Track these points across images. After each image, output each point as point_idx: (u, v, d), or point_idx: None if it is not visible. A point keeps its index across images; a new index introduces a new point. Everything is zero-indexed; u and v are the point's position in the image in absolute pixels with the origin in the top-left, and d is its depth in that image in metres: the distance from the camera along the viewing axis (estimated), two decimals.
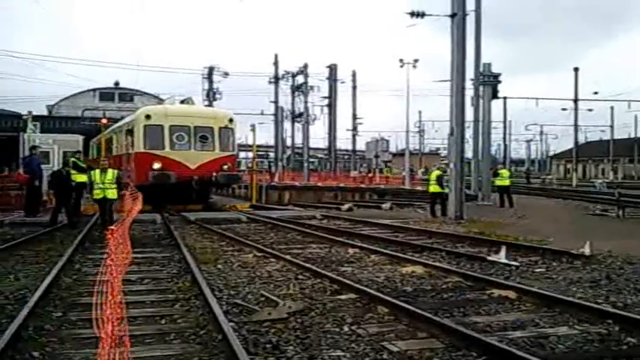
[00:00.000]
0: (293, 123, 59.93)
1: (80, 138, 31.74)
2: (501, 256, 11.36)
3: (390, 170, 61.57)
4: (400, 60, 43.05)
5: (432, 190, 21.92)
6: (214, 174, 23.55)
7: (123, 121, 28.90)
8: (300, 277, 9.81)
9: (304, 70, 55.59)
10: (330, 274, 9.77)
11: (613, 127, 73.06)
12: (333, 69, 56.53)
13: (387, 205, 26.87)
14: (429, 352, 5.90)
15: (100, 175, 16.15)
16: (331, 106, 56.65)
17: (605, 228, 18.05)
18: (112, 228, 7.39)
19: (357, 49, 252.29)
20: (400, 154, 68.46)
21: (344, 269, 10.70)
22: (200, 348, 6.01)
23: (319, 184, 45.63)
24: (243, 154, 61.86)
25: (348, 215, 22.22)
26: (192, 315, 7.28)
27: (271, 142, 64.74)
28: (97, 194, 16.20)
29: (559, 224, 18.86)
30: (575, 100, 54.09)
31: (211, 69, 58.79)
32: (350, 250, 12.89)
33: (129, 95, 65.82)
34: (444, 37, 21.94)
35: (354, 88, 59.85)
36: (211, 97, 58.43)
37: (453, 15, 20.31)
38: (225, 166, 24.16)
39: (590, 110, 63.11)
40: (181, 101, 26.19)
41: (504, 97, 50.71)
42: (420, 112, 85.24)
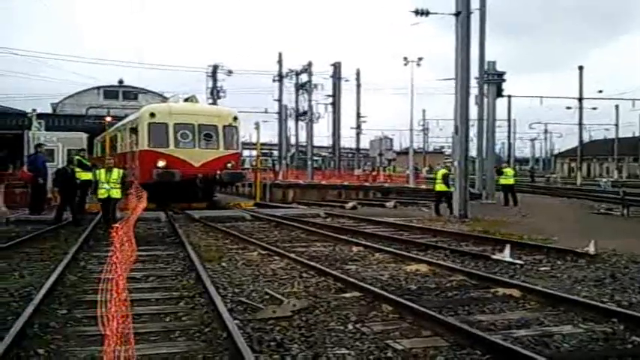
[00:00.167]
0: (297, 121, 60.00)
1: (84, 136, 31.74)
2: (506, 255, 11.35)
3: (394, 169, 61.54)
4: (404, 58, 43.17)
5: (438, 189, 21.87)
6: (218, 172, 23.54)
7: (127, 119, 28.93)
8: (305, 275, 9.82)
9: (308, 69, 55.56)
10: (335, 272, 9.78)
11: (618, 125, 72.78)
12: (337, 67, 56.48)
13: (391, 204, 26.88)
14: (433, 351, 5.90)
15: (106, 175, 16.14)
16: (335, 105, 56.61)
17: (610, 227, 18.01)
18: (116, 226, 7.41)
19: (361, 47, 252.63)
20: (404, 152, 68.52)
21: (348, 267, 10.71)
22: (205, 345, 6.02)
23: (323, 182, 45.62)
24: (247, 152, 62.01)
25: (352, 213, 22.22)
26: (196, 313, 7.29)
27: (275, 140, 64.80)
28: (101, 194, 16.14)
29: (563, 223, 18.83)
30: (580, 99, 54.01)
31: (215, 67, 58.81)
32: (354, 249, 12.90)
33: (133, 93, 65.88)
34: (448, 36, 21.98)
35: (358, 86, 59.95)
36: (215, 95, 58.43)
37: (457, 13, 20.28)
38: (230, 165, 24.17)
39: (595, 109, 63.07)
40: (185, 99, 26.18)
41: (509, 96, 50.67)
42: (424, 111, 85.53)
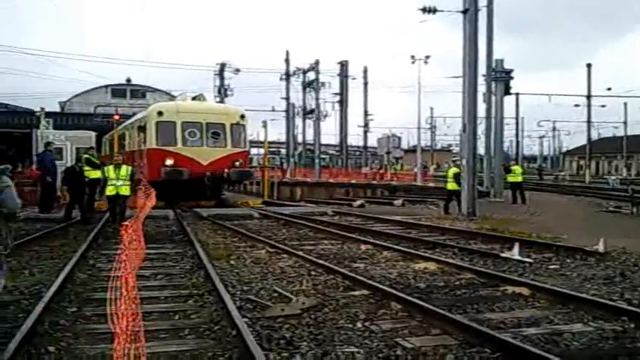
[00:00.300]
0: (304, 119, 59.99)
1: (93, 134, 31.82)
2: (515, 253, 11.32)
3: (402, 166, 61.46)
4: (412, 56, 43.13)
5: (450, 188, 21.67)
6: (226, 170, 23.55)
7: (135, 118, 28.98)
8: (313, 273, 9.82)
9: (315, 67, 55.55)
10: (343, 270, 9.79)
11: (626, 123, 72.40)
12: (344, 65, 56.52)
13: (399, 202, 26.85)
14: (442, 349, 5.89)
15: (114, 171, 16.13)
16: (342, 103, 56.65)
17: (619, 225, 17.94)
18: (125, 224, 7.43)
19: (369, 45, 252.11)
20: (412, 150, 68.41)
21: (356, 265, 10.70)
22: (214, 343, 6.03)
23: (331, 180, 45.62)
24: (254, 150, 62.01)
25: (359, 212, 22.21)
26: (205, 310, 7.31)
27: (283, 138, 64.94)
28: (109, 191, 16.08)
29: (572, 221, 18.77)
30: (589, 97, 53.80)
31: (223, 65, 58.90)
32: (362, 247, 12.89)
33: (141, 92, 66.01)
34: (455, 34, 21.91)
35: (365, 84, 59.94)
36: (223, 93, 58.53)
37: (465, 11, 20.22)
38: (237, 163, 24.17)
39: (604, 106, 62.74)
40: (193, 98, 26.18)
41: (517, 94, 50.46)
42: (432, 109, 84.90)
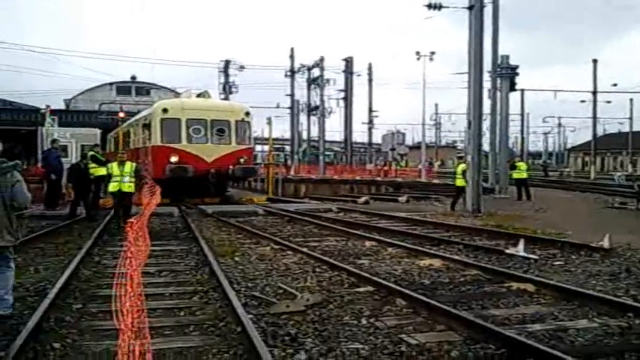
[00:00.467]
0: (309, 116, 59.92)
1: (98, 132, 31.92)
2: (519, 249, 11.30)
3: (406, 163, 61.39)
4: (417, 52, 43.00)
5: (459, 184, 21.58)
6: (231, 167, 23.57)
7: (140, 115, 29.01)
8: (318, 269, 9.83)
9: (320, 63, 55.47)
10: (348, 266, 9.79)
11: (632, 119, 72.08)
12: (349, 62, 56.32)
13: (403, 198, 26.82)
14: (447, 345, 5.89)
15: (118, 168, 16.02)
16: (347, 99, 56.49)
17: (624, 221, 17.87)
18: (131, 221, 7.45)
19: (374, 41, 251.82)
20: (417, 146, 68.33)
21: (361, 262, 10.70)
22: (219, 340, 6.04)
23: (335, 177, 45.62)
24: (259, 147, 61.94)
25: (364, 208, 22.21)
26: (210, 307, 7.33)
27: (287, 135, 64.88)
28: (113, 187, 15.98)
29: (577, 217, 18.73)
30: (594, 92, 53.55)
31: (227, 62, 58.86)
32: (367, 243, 12.89)
33: (145, 89, 66.14)
34: (461, 30, 21.81)
35: (370, 81, 59.66)
36: (227, 90, 58.52)
37: (470, 7, 20.16)
38: (242, 160, 24.18)
39: (609, 102, 62.55)
40: (198, 95, 26.20)
41: (522, 90, 50.35)
42: (437, 105, 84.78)
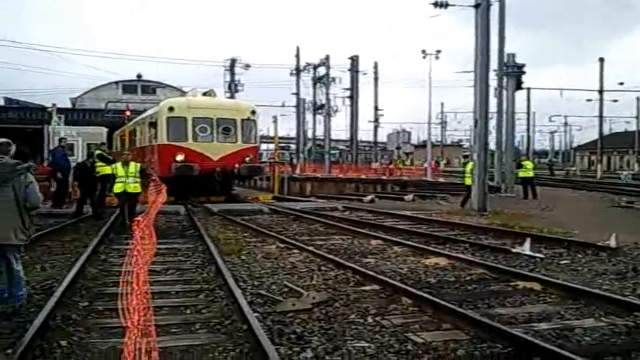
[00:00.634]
0: (314, 115, 59.85)
1: (104, 130, 31.97)
2: (526, 248, 11.28)
3: (412, 161, 61.34)
4: (423, 51, 42.83)
5: (468, 183, 21.57)
6: (237, 166, 23.58)
7: (146, 114, 29.05)
8: (324, 268, 9.83)
9: (326, 62, 55.38)
10: (354, 265, 9.78)
11: (639, 117, 71.81)
12: (354, 60, 56.16)
13: (409, 197, 26.79)
14: (453, 344, 5.88)
15: (123, 168, 15.77)
16: (353, 98, 56.34)
17: (631, 220, 17.83)
18: (137, 219, 7.47)
19: (379, 40, 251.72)
20: (422, 145, 68.25)
21: (367, 260, 10.70)
22: (225, 338, 6.05)
23: (340, 175, 45.54)
24: (264, 145, 62.04)
25: (370, 207, 22.19)
26: (216, 305, 7.34)
27: (293, 133, 64.94)
28: (117, 188, 15.67)
29: (584, 216, 18.68)
30: (601, 91, 53.45)
31: (233, 61, 58.83)
32: (372, 242, 12.88)
33: (151, 88, 66.16)
34: (467, 29, 21.75)
35: (375, 79, 59.54)
36: (233, 89, 58.51)
37: (477, 5, 20.13)
38: (248, 158, 24.18)
39: (616, 101, 62.45)
40: (204, 93, 26.21)
41: (528, 88, 50.33)
42: (443, 104, 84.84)
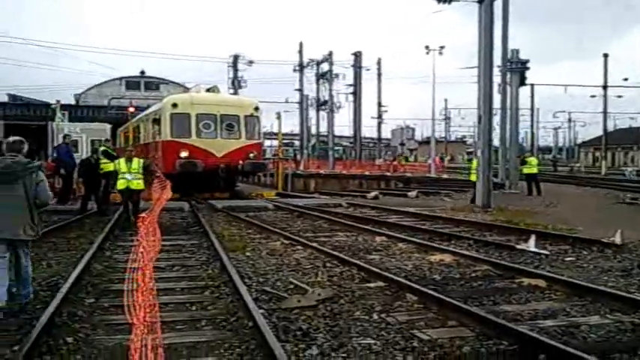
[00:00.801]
0: (318, 111, 59.88)
1: (108, 127, 32.04)
2: (530, 245, 11.26)
3: (416, 158, 61.27)
4: (426, 47, 42.90)
5: (474, 179, 21.54)
6: (240, 162, 23.60)
7: (150, 110, 29.08)
8: (328, 264, 9.83)
9: (329, 58, 55.43)
10: (358, 262, 9.78)
11: None
12: (358, 56, 56.16)
13: (413, 194, 26.78)
14: (459, 341, 5.87)
15: (126, 164, 15.52)
16: (356, 94, 56.36)
17: (636, 216, 17.79)
18: (142, 216, 7.47)
19: (383, 36, 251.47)
20: (426, 141, 68.18)
21: (371, 257, 10.70)
22: (231, 335, 6.05)
23: (344, 172, 45.57)
24: (268, 142, 61.99)
25: (374, 203, 22.18)
26: (222, 302, 7.34)
27: (296, 130, 64.88)
28: (120, 184, 15.47)
29: (588, 212, 18.64)
30: (605, 87, 53.24)
31: (236, 57, 58.90)
32: (377, 238, 12.87)
33: (155, 84, 66.23)
34: (471, 24, 21.70)
35: (379, 75, 59.62)
36: (236, 85, 58.55)
37: (480, 1, 20.06)
38: (252, 154, 24.21)
39: (620, 97, 62.27)
40: (207, 89, 26.23)
41: (532, 84, 50.18)
42: (446, 100, 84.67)
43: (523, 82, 31.76)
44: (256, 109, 25.38)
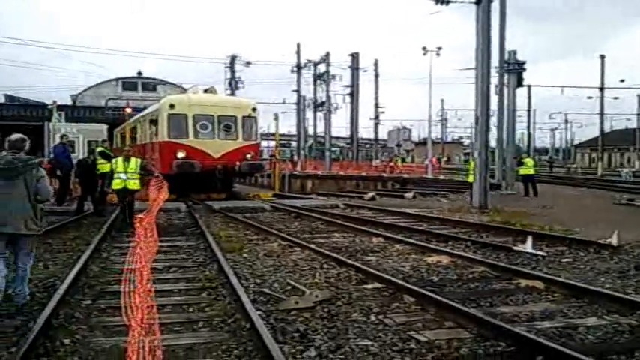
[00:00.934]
0: (315, 112, 59.89)
1: (105, 127, 31.98)
2: (527, 246, 11.28)
3: (412, 159, 61.30)
4: (423, 48, 42.99)
5: (472, 180, 21.56)
6: (238, 163, 23.60)
7: (147, 111, 29.03)
8: (326, 266, 9.83)
9: (326, 59, 55.36)
10: (356, 263, 9.78)
11: None
12: (355, 57, 56.08)
13: (410, 195, 26.79)
14: (457, 342, 5.88)
15: (123, 164, 15.31)
16: (353, 95, 56.29)
17: (632, 217, 17.83)
18: (139, 217, 7.46)
19: (380, 37, 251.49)
20: (423, 143, 68.25)
21: (369, 258, 10.70)
22: (228, 336, 6.05)
23: (341, 173, 45.54)
24: (265, 143, 61.93)
25: (371, 204, 22.18)
26: (219, 303, 7.33)
27: (293, 131, 64.99)
28: (116, 184, 15.22)
29: (585, 214, 18.66)
30: (601, 88, 53.35)
31: (233, 58, 58.83)
32: (374, 240, 12.88)
33: (152, 85, 66.21)
34: (468, 25, 21.68)
35: (376, 76, 59.55)
36: (233, 86, 58.50)
37: (478, 1, 20.08)
38: (249, 155, 24.19)
39: (616, 98, 62.30)
40: (204, 90, 26.22)
41: (529, 85, 50.32)
42: (443, 101, 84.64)
43: (520, 83, 31.77)
44: (253, 110, 25.37)
